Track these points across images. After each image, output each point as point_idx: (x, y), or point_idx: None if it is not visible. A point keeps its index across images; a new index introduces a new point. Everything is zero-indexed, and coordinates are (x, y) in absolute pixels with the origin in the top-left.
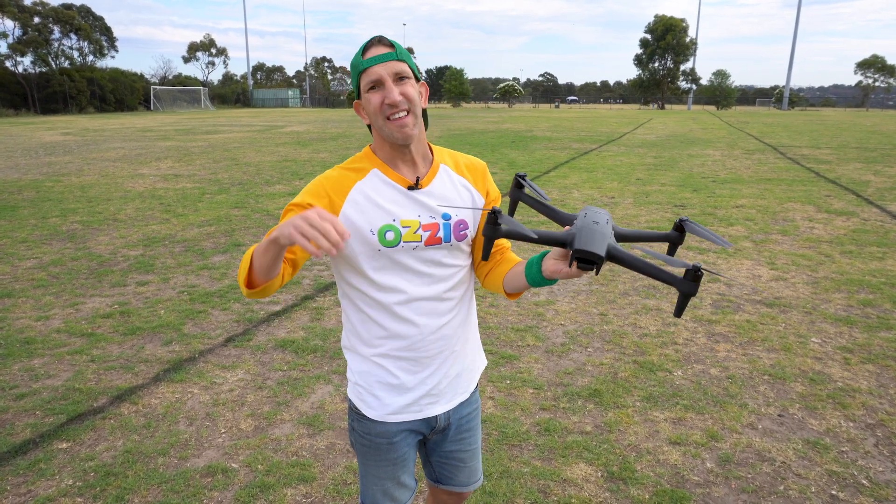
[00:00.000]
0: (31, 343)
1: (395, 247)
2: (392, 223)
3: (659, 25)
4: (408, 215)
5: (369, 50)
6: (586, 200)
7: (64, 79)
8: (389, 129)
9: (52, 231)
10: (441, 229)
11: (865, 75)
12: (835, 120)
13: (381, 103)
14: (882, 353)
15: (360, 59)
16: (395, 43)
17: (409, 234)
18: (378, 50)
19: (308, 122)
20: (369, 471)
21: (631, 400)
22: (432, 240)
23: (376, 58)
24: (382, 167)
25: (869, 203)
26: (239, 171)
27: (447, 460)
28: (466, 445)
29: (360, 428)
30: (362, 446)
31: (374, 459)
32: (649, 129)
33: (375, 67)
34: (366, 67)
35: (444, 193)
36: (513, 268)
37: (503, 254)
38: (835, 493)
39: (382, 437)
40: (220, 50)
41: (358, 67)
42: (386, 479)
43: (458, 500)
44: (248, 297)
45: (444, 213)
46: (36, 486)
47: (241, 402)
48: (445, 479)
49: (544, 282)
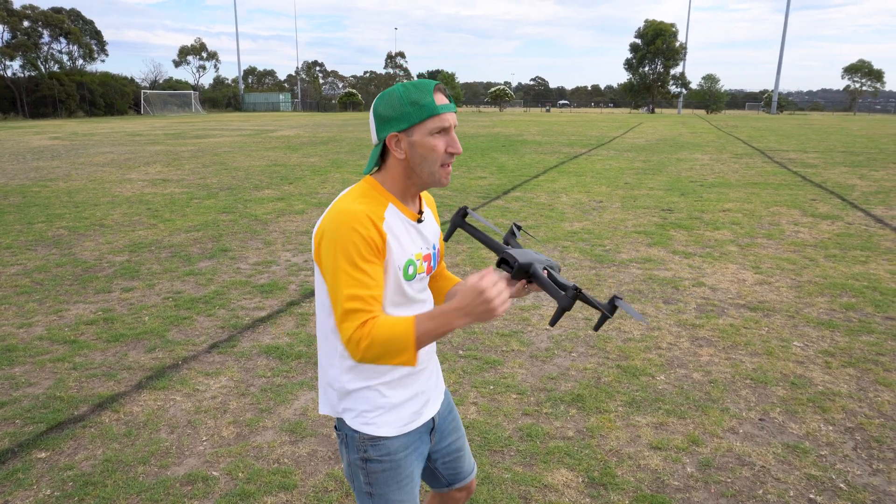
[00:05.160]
0: (13, 350)
1: (412, 280)
2: (411, 258)
3: (649, 30)
4: (416, 249)
5: (437, 95)
6: (574, 204)
7: (53, 83)
8: (440, 175)
9: (37, 237)
10: (432, 258)
11: (853, 80)
12: (822, 124)
13: (445, 150)
14: (863, 357)
15: (431, 101)
16: (448, 93)
17: (420, 266)
18: (444, 98)
19: (299, 126)
20: (391, 500)
21: (613, 405)
22: (428, 269)
23: (448, 106)
24: (395, 202)
25: (854, 207)
26: (228, 176)
27: (450, 455)
28: (459, 432)
29: (376, 454)
30: (383, 472)
31: (396, 482)
32: (639, 134)
33: (448, 115)
34: (440, 113)
35: (431, 225)
36: (455, 286)
37: (442, 271)
38: (813, 496)
39: (402, 451)
40: (211, 54)
41: (429, 109)
42: (407, 500)
43: (469, 493)
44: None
45: (433, 245)
46: (13, 496)
47: (224, 409)
48: (455, 476)
49: None
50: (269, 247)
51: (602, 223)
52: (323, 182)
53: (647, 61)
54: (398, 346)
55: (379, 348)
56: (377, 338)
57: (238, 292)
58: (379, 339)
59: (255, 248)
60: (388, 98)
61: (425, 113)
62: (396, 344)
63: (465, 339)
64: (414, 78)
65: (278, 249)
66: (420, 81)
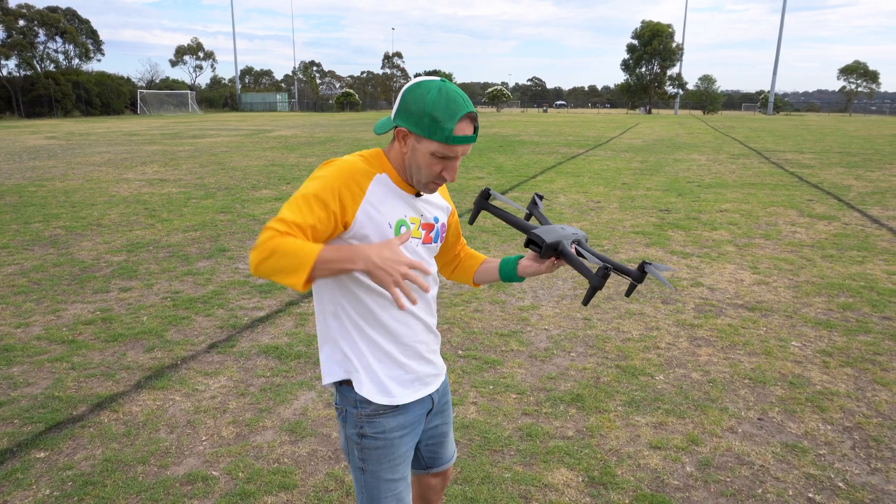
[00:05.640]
0: (11, 350)
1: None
2: (404, 218)
3: (646, 31)
4: (413, 214)
5: (462, 124)
6: (572, 205)
7: (49, 82)
8: (424, 186)
9: (34, 236)
10: (434, 230)
11: (848, 81)
12: (818, 125)
13: (438, 174)
14: (860, 357)
15: (450, 128)
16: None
17: (415, 229)
18: (468, 129)
19: (296, 126)
20: (382, 478)
21: (613, 405)
22: (427, 238)
23: (465, 138)
24: (393, 174)
25: (850, 207)
26: (225, 176)
27: (433, 439)
28: (446, 418)
29: (372, 430)
30: (377, 450)
31: (388, 461)
32: (636, 134)
33: (459, 148)
34: (451, 144)
35: (434, 199)
36: (483, 264)
37: (464, 250)
38: (812, 495)
39: (398, 431)
40: (208, 53)
41: (443, 136)
42: (399, 480)
43: (445, 481)
44: (265, 278)
45: (434, 217)
46: (12, 496)
47: (223, 409)
48: (434, 461)
49: (515, 278)
50: None
51: (600, 223)
52: None
53: (643, 62)
54: (295, 263)
55: (277, 257)
56: (280, 245)
57: (237, 292)
58: (281, 248)
59: None
60: (419, 95)
61: (438, 136)
62: (295, 259)
63: (464, 339)
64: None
65: None
66: (455, 98)
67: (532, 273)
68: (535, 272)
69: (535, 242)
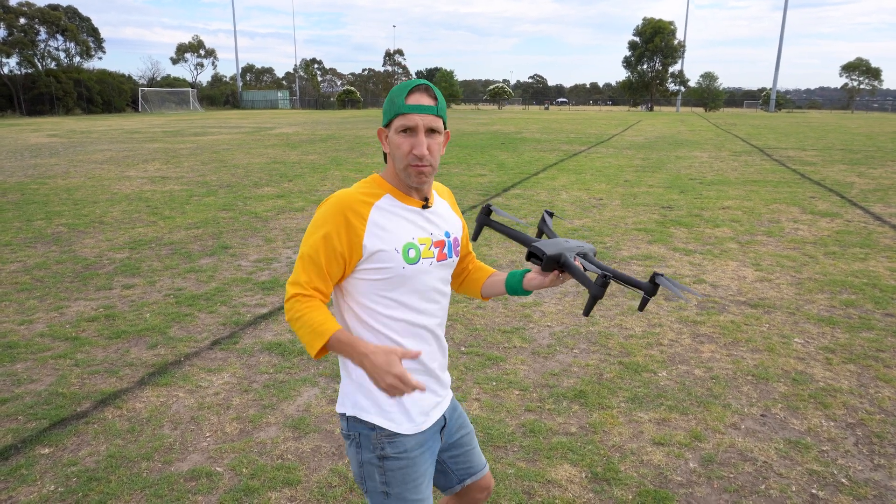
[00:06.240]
0: (14, 347)
1: (416, 264)
2: (412, 241)
3: (647, 28)
4: (422, 234)
5: (413, 95)
6: (574, 202)
7: (50, 80)
8: (408, 174)
9: (36, 234)
10: (447, 246)
11: (850, 78)
12: (820, 122)
13: (408, 151)
14: (863, 353)
15: (402, 99)
16: (439, 95)
17: (426, 250)
18: (422, 99)
19: (297, 123)
20: (408, 500)
21: (616, 401)
22: (441, 255)
23: (419, 107)
24: (395, 192)
25: (853, 204)
26: (227, 174)
27: (459, 451)
28: (467, 428)
29: (393, 451)
30: (400, 471)
31: (412, 480)
32: (638, 131)
33: (414, 115)
34: (405, 112)
35: (444, 213)
36: (490, 277)
37: (472, 262)
38: (815, 491)
39: (417, 449)
40: (209, 51)
41: (397, 107)
42: (424, 500)
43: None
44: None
45: (445, 232)
46: (17, 492)
47: (227, 405)
48: (468, 471)
49: (521, 291)
50: (270, 244)
51: (602, 220)
52: (322, 179)
53: (645, 59)
54: (311, 337)
55: (299, 328)
56: (301, 318)
57: (239, 289)
58: (301, 320)
59: (256, 246)
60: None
61: (394, 110)
62: (312, 334)
63: (466, 335)
64: (413, 76)
65: (279, 246)
66: (409, 81)
67: (536, 286)
68: (540, 285)
69: (536, 255)
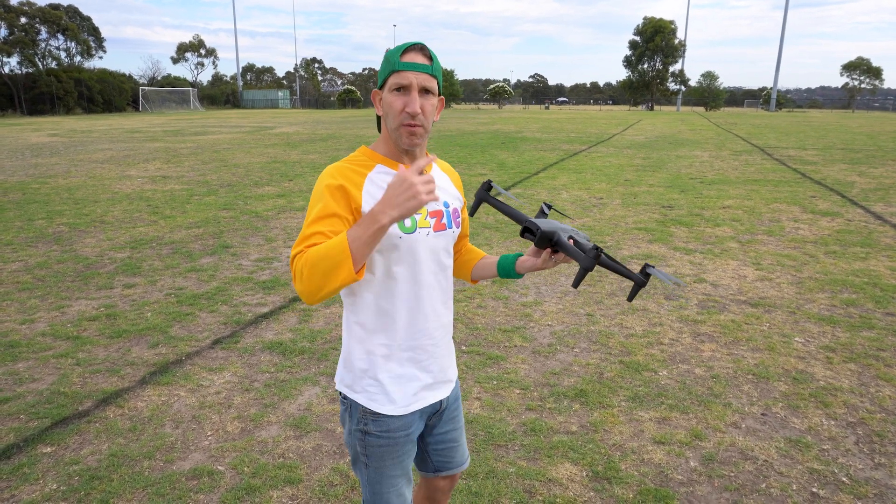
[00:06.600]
0: (16, 346)
1: (413, 233)
2: None
3: (648, 27)
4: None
5: (408, 53)
6: (575, 201)
7: (51, 79)
8: (399, 134)
9: (37, 233)
10: (445, 216)
11: (851, 77)
12: (821, 121)
13: (401, 109)
14: (864, 353)
15: (396, 57)
16: (434, 57)
17: (422, 219)
18: (417, 58)
19: (298, 123)
20: (385, 474)
21: (616, 400)
22: (439, 225)
23: (413, 65)
24: (386, 161)
25: (853, 204)
26: (228, 173)
27: (443, 444)
28: (457, 423)
29: (376, 429)
30: (379, 448)
31: (391, 458)
32: (638, 131)
33: (408, 73)
34: (400, 69)
35: (442, 184)
36: (481, 259)
37: (465, 245)
38: (815, 490)
39: (402, 430)
40: (210, 50)
41: (392, 65)
42: (400, 476)
43: (452, 483)
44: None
45: (444, 202)
46: (20, 490)
47: (228, 404)
48: (444, 464)
49: (513, 274)
50: (271, 243)
51: (602, 220)
52: None
53: (646, 58)
54: (334, 258)
55: (315, 267)
56: (311, 255)
57: (240, 288)
58: (313, 256)
59: (257, 245)
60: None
61: (389, 68)
62: (332, 255)
63: (467, 335)
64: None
65: (280, 246)
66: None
67: (529, 268)
68: (532, 267)
69: (531, 230)
